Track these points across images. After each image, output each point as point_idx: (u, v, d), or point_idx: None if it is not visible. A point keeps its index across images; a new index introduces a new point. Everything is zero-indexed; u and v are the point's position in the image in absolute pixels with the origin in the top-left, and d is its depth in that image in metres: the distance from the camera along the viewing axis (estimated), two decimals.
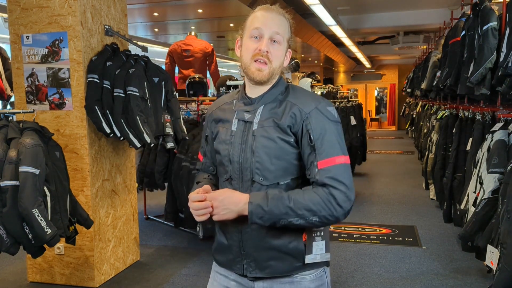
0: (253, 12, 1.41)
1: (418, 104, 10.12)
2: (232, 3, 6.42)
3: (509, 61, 2.93)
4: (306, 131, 1.33)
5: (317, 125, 1.33)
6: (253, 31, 1.37)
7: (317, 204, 1.27)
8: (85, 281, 3.41)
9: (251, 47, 1.37)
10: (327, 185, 1.28)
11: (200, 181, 1.55)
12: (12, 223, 2.42)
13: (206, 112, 1.65)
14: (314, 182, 1.30)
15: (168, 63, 6.00)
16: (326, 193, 1.28)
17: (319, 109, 1.35)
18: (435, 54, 6.07)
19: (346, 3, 7.98)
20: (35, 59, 3.31)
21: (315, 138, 1.31)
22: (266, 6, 1.40)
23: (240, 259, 1.42)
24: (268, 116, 1.38)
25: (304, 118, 1.33)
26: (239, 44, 1.44)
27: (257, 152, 1.35)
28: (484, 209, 2.86)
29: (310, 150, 1.32)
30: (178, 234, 4.67)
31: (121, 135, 3.28)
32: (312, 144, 1.32)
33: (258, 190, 1.34)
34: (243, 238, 1.39)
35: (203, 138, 1.59)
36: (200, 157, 1.63)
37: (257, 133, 1.36)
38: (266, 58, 1.35)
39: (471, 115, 4.28)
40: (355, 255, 4.04)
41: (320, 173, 1.29)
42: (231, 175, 1.40)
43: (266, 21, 1.36)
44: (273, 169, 1.34)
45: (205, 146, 1.58)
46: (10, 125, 2.59)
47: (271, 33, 1.36)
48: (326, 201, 1.27)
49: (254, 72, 1.36)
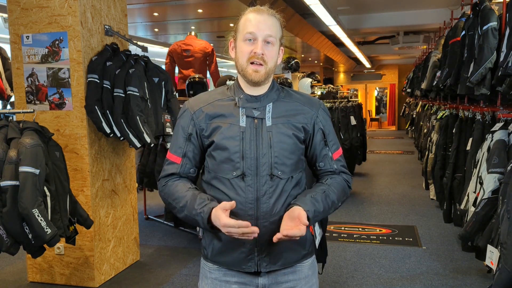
0: (244, 14, 1.44)
1: (418, 104, 10.11)
2: (232, 3, 6.42)
3: (509, 61, 2.93)
4: (318, 128, 1.50)
5: (325, 123, 1.52)
6: (246, 34, 1.40)
7: (342, 191, 1.50)
8: (85, 281, 3.41)
9: (246, 50, 1.41)
10: (342, 172, 1.53)
11: (187, 194, 1.41)
12: (12, 223, 2.42)
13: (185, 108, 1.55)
14: (331, 171, 1.51)
15: (168, 63, 5.99)
16: (343, 180, 1.52)
17: (323, 109, 1.53)
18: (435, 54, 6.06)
19: (346, 3, 7.98)
20: (35, 59, 3.31)
21: (326, 134, 1.50)
22: (257, 8, 1.44)
23: (252, 256, 1.42)
24: (280, 114, 1.45)
25: (315, 117, 1.49)
26: (233, 46, 1.48)
27: (275, 147, 1.41)
28: (484, 209, 2.86)
29: (323, 145, 1.50)
30: (178, 234, 4.67)
31: (121, 135, 3.28)
32: (325, 140, 1.50)
33: (276, 184, 1.41)
34: (260, 233, 1.38)
35: (181, 138, 1.48)
36: (173, 158, 1.49)
37: (273, 129, 1.42)
38: (261, 60, 1.40)
39: (471, 115, 4.28)
40: (355, 255, 4.04)
41: (336, 163, 1.51)
42: (243, 171, 1.39)
43: (259, 24, 1.40)
44: (289, 163, 1.43)
45: (184, 146, 1.47)
46: (10, 125, 2.59)
47: (265, 36, 1.40)
48: (345, 187, 1.52)
49: (251, 74, 1.41)
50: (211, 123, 1.45)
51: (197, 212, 1.36)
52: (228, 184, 1.41)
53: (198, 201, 1.38)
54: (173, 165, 1.49)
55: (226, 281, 1.47)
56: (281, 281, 1.48)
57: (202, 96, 1.53)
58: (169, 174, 1.49)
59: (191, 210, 1.38)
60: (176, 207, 1.43)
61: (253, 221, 1.38)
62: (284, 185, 1.41)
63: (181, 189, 1.44)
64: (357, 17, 9.10)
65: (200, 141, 1.48)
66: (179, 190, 1.44)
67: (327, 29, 8.32)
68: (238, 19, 1.45)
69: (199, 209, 1.36)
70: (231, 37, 1.48)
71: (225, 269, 1.48)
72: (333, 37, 9.74)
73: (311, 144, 1.50)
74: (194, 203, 1.38)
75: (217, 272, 1.49)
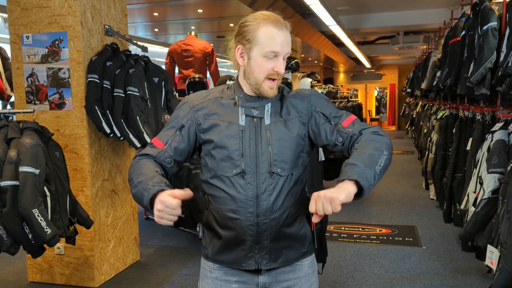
0: (261, 24, 1.38)
1: (418, 104, 10.11)
2: (232, 3, 6.42)
3: (509, 61, 2.93)
4: (317, 112, 1.46)
5: (321, 104, 1.48)
6: (270, 53, 1.38)
7: (374, 142, 1.35)
8: (85, 281, 3.41)
9: (267, 66, 1.40)
10: (363, 129, 1.41)
11: (150, 173, 1.36)
12: (12, 223, 2.42)
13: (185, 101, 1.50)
14: (352, 137, 1.40)
15: (168, 63, 5.99)
16: (369, 133, 1.39)
17: (314, 94, 1.51)
18: (435, 54, 6.06)
19: (346, 3, 7.98)
20: (35, 59, 3.31)
21: (327, 113, 1.46)
22: (276, 21, 1.39)
23: (253, 253, 1.43)
24: (278, 112, 1.46)
25: (308, 107, 1.47)
26: (242, 53, 1.43)
27: (274, 144, 1.42)
28: (484, 209, 2.86)
29: (329, 124, 1.44)
30: (178, 234, 4.67)
31: (121, 135, 3.28)
32: (328, 119, 1.45)
33: (276, 182, 1.40)
34: (260, 230, 1.41)
35: (172, 127, 1.47)
36: (157, 142, 1.46)
37: (271, 127, 1.43)
38: (278, 76, 1.42)
39: (471, 115, 4.28)
40: (355, 255, 4.04)
41: (351, 127, 1.41)
42: (243, 169, 1.40)
43: (283, 44, 1.39)
44: (288, 160, 1.43)
45: (171, 135, 1.45)
46: (10, 125, 2.59)
47: (285, 54, 1.42)
48: (375, 137, 1.37)
49: (267, 90, 1.42)
50: (209, 119, 1.45)
51: (148, 187, 1.30)
52: (228, 182, 1.41)
53: (155, 180, 1.32)
54: (153, 148, 1.46)
55: (227, 280, 1.48)
56: (281, 280, 1.48)
57: (203, 93, 1.53)
58: (145, 154, 1.46)
59: (144, 185, 1.31)
60: (134, 182, 1.36)
61: (253, 218, 1.39)
62: (284, 182, 1.42)
63: (148, 168, 1.38)
64: (357, 17, 9.10)
65: (194, 136, 1.46)
66: (147, 168, 1.38)
67: (327, 29, 8.32)
68: (250, 26, 1.39)
69: (150, 185, 1.30)
70: (238, 42, 1.43)
71: (225, 268, 1.48)
72: (333, 37, 9.74)
73: (319, 130, 1.45)
74: (151, 181, 1.31)
75: (217, 271, 1.49)
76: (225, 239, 1.44)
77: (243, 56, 1.43)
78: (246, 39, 1.40)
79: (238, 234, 1.42)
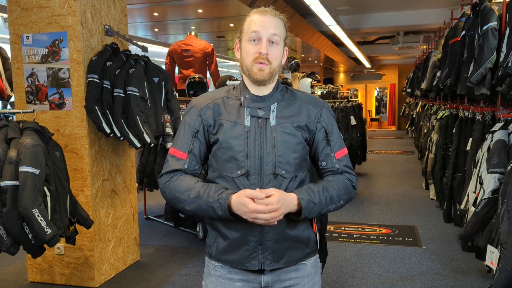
0: (248, 16, 1.47)
1: (418, 104, 10.11)
2: (232, 3, 6.42)
3: (509, 61, 2.93)
4: (321, 127, 1.50)
5: (328, 122, 1.52)
6: (251, 34, 1.42)
7: (343, 189, 1.47)
8: (85, 281, 3.41)
9: (251, 50, 1.43)
10: (345, 172, 1.50)
11: (199, 186, 1.40)
12: (12, 223, 2.42)
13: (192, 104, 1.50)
14: (333, 171, 1.49)
15: (168, 63, 6.00)
16: (346, 179, 1.49)
17: (327, 108, 1.54)
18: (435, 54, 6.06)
19: (346, 3, 7.98)
20: (35, 59, 3.31)
21: (329, 133, 1.50)
22: (261, 10, 1.46)
23: (256, 254, 1.43)
24: (285, 114, 1.46)
25: (318, 116, 1.50)
26: (238, 47, 1.50)
27: (279, 146, 1.42)
28: (484, 209, 2.86)
29: (325, 144, 1.50)
30: (178, 234, 4.67)
31: (121, 135, 3.28)
32: (327, 139, 1.50)
33: (280, 183, 1.41)
34: (264, 232, 1.41)
35: (187, 134, 1.47)
36: (178, 153, 1.46)
37: (277, 128, 1.43)
38: (266, 60, 1.42)
39: (471, 115, 4.28)
40: (355, 255, 4.04)
41: (338, 163, 1.50)
42: (248, 170, 1.40)
43: (263, 24, 1.42)
44: (293, 163, 1.44)
45: (190, 142, 1.46)
46: (10, 125, 2.59)
47: (269, 35, 1.42)
48: (348, 186, 1.48)
49: (256, 73, 1.43)
50: (218, 119, 1.46)
51: (215, 199, 1.34)
52: (232, 183, 1.41)
53: (214, 189, 1.37)
54: (179, 161, 1.45)
55: (230, 279, 1.49)
56: (284, 279, 1.49)
57: (209, 94, 1.55)
58: (173, 170, 1.45)
59: (207, 198, 1.35)
60: (187, 200, 1.39)
61: None
62: (288, 184, 1.42)
63: (190, 182, 1.41)
64: (357, 17, 9.10)
65: (207, 138, 1.48)
66: (188, 183, 1.41)
67: (327, 29, 8.32)
68: (243, 20, 1.47)
69: (216, 196, 1.34)
70: (236, 38, 1.50)
71: (229, 267, 1.49)
72: (333, 37, 9.74)
73: (313, 142, 1.50)
74: (210, 191, 1.36)
75: (221, 270, 1.50)
76: (229, 239, 1.45)
77: (239, 49, 1.49)
78: (238, 33, 1.49)
79: (242, 234, 1.42)
